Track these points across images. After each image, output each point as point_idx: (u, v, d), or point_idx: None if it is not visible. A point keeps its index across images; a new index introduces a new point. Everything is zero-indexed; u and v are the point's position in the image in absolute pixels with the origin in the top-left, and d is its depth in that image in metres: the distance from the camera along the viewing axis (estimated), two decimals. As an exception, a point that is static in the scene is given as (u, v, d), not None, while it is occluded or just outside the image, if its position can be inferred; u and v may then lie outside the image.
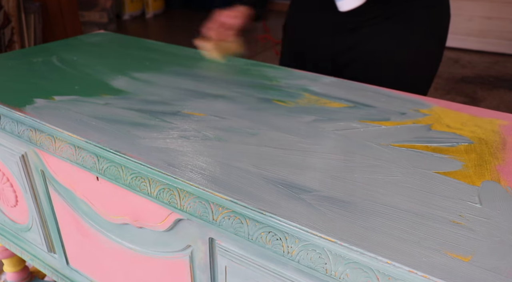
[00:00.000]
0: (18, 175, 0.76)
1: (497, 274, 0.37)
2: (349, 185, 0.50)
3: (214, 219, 0.49)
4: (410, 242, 0.41)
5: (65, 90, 0.75)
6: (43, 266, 0.87)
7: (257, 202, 0.47)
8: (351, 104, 0.71)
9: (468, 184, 0.51)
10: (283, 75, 0.83)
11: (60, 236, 0.78)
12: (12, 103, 0.70)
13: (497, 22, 3.14)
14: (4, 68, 0.87)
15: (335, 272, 0.41)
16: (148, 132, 0.61)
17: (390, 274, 0.39)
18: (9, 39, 2.39)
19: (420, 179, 0.52)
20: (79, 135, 0.61)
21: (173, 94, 0.74)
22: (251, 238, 0.46)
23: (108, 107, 0.69)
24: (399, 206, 0.46)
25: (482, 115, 0.68)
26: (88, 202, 0.67)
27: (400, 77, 0.88)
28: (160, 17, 4.44)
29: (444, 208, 0.46)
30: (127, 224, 0.62)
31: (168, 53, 0.96)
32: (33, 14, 2.43)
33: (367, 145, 0.59)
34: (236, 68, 0.87)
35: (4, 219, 0.88)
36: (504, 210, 0.46)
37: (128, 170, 0.56)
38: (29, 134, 0.67)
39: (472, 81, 2.76)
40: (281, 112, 0.68)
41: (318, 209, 0.45)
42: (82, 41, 1.05)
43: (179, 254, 0.58)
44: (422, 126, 0.64)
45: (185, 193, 0.51)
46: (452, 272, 0.37)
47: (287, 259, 0.44)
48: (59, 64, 0.88)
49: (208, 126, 0.63)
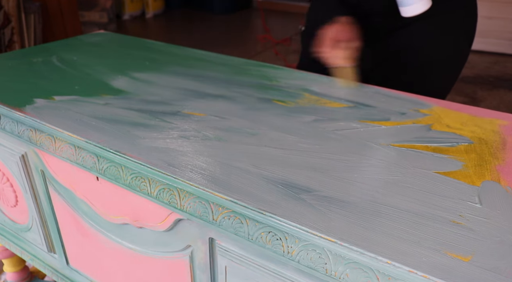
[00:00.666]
0: (18, 175, 0.76)
1: (497, 274, 0.37)
2: (349, 185, 0.50)
3: (214, 219, 0.49)
4: (410, 242, 0.41)
5: (65, 90, 0.75)
6: (43, 266, 0.87)
7: (257, 202, 0.47)
8: (351, 104, 0.71)
9: (468, 184, 0.51)
10: (283, 75, 0.83)
11: (60, 236, 0.78)
12: (12, 103, 0.70)
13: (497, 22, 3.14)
14: (4, 68, 0.87)
15: (335, 272, 0.41)
16: (148, 132, 0.61)
17: (390, 274, 0.39)
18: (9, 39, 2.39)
19: (420, 179, 0.52)
20: (79, 135, 0.61)
21: (173, 94, 0.74)
22: (251, 238, 0.46)
23: (108, 107, 0.69)
24: (399, 206, 0.46)
25: (482, 115, 0.68)
26: (88, 202, 0.67)
27: (431, 76, 0.88)
28: (160, 17, 4.44)
29: (444, 208, 0.46)
30: (127, 224, 0.62)
31: (168, 53, 0.96)
32: (33, 14, 2.43)
33: (367, 144, 0.59)
34: (236, 68, 0.87)
35: (4, 219, 0.88)
36: (504, 210, 0.46)
37: (128, 170, 0.56)
38: (29, 134, 0.67)
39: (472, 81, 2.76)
40: (281, 112, 0.68)
41: (318, 209, 0.45)
42: (82, 41, 1.05)
43: (179, 254, 0.58)
44: (422, 126, 0.64)
45: (185, 193, 0.51)
46: (452, 272, 0.37)
47: (287, 259, 0.44)
48: (59, 64, 0.88)
49: (208, 126, 0.63)
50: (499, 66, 3.00)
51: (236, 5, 4.57)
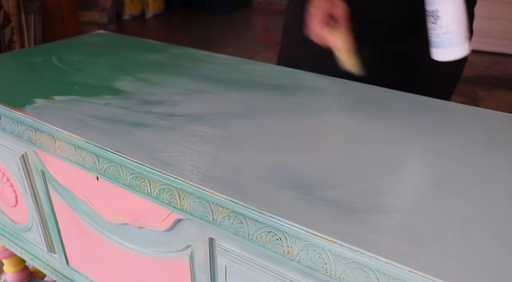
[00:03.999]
0: (18, 175, 0.76)
1: (497, 274, 0.37)
2: (349, 185, 0.50)
3: (214, 219, 0.49)
4: (410, 242, 0.41)
5: (65, 90, 0.75)
6: (43, 266, 0.87)
7: (257, 202, 0.46)
8: (350, 102, 0.71)
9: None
10: (284, 75, 0.83)
11: (60, 236, 0.78)
12: (12, 103, 0.70)
13: (497, 22, 3.14)
14: (4, 68, 0.87)
15: (335, 272, 0.41)
16: (148, 132, 0.61)
17: (390, 274, 0.39)
18: (9, 39, 2.39)
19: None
20: (79, 135, 0.61)
21: (173, 94, 0.74)
22: (251, 238, 0.46)
23: (108, 107, 0.69)
24: (399, 205, 0.46)
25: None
26: (88, 202, 0.67)
27: (439, 82, 0.87)
28: (160, 17, 4.44)
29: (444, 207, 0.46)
30: (127, 224, 0.62)
31: (168, 53, 0.96)
32: (33, 14, 2.43)
33: (367, 144, 0.59)
34: (236, 68, 0.87)
35: (4, 219, 0.88)
36: (505, 210, 0.46)
37: (128, 170, 0.56)
38: (29, 134, 0.67)
39: (472, 81, 2.75)
40: (283, 113, 0.68)
41: (318, 209, 0.45)
42: (82, 41, 1.05)
43: (179, 254, 0.58)
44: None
45: (185, 193, 0.51)
46: (452, 272, 0.37)
47: (287, 259, 0.44)
48: (59, 64, 0.88)
49: (208, 126, 0.63)
50: (499, 66, 3.00)
51: (236, 5, 4.57)
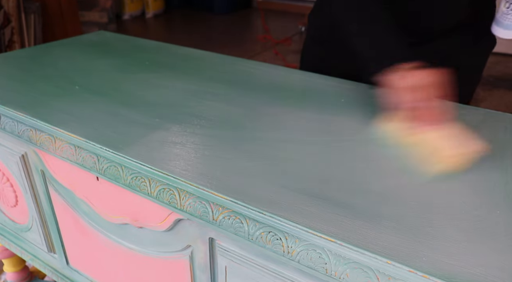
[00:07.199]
0: (18, 175, 0.76)
1: (498, 274, 0.37)
2: (349, 185, 0.50)
3: (214, 219, 0.49)
4: (411, 242, 0.41)
5: (65, 90, 0.75)
6: (43, 266, 0.87)
7: (257, 202, 0.46)
8: (352, 103, 0.71)
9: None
10: (284, 75, 0.83)
11: (60, 236, 0.78)
12: (12, 103, 0.70)
13: (497, 22, 3.13)
14: (4, 68, 0.87)
15: (335, 272, 0.41)
16: (148, 132, 0.61)
17: (390, 274, 0.39)
18: (9, 39, 2.39)
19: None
20: (79, 136, 0.61)
21: (173, 94, 0.74)
22: (251, 238, 0.46)
23: (108, 107, 0.69)
24: (399, 205, 0.46)
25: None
26: (88, 202, 0.67)
27: (466, 83, 0.86)
28: (160, 17, 4.44)
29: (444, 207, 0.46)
30: (127, 224, 0.62)
31: (168, 53, 0.96)
32: (33, 14, 2.43)
33: (367, 145, 0.59)
34: (236, 68, 0.87)
35: (4, 219, 0.88)
36: (504, 210, 0.46)
37: (128, 170, 0.56)
38: (29, 134, 0.67)
39: (472, 81, 2.75)
40: (284, 113, 0.68)
41: (318, 209, 0.45)
42: (82, 41, 1.05)
43: (179, 254, 0.58)
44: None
45: (185, 193, 0.51)
46: (452, 272, 0.37)
47: (287, 259, 0.44)
48: (59, 64, 0.88)
49: (209, 126, 0.63)
50: (500, 66, 2.99)
51: (236, 5, 4.58)
